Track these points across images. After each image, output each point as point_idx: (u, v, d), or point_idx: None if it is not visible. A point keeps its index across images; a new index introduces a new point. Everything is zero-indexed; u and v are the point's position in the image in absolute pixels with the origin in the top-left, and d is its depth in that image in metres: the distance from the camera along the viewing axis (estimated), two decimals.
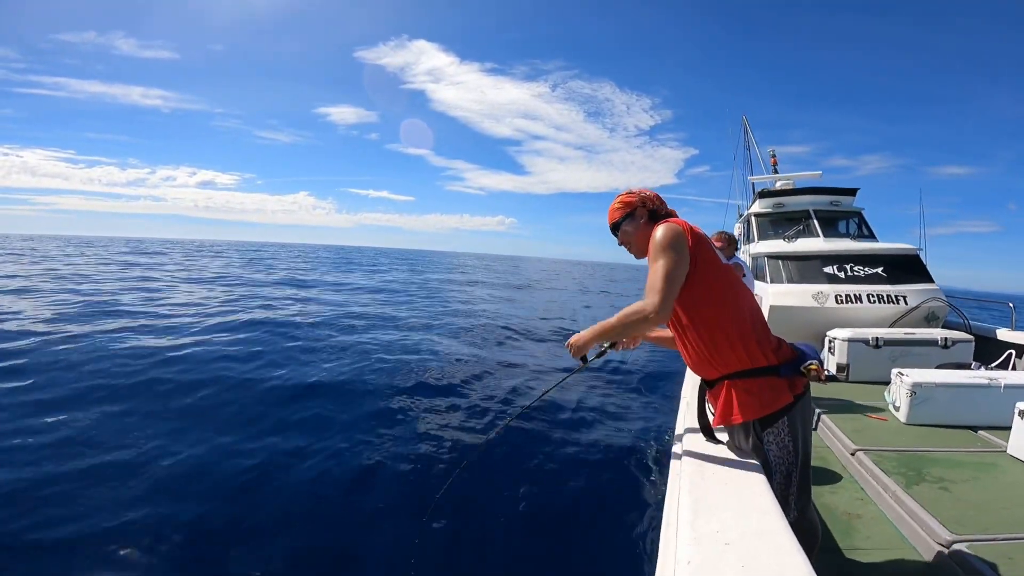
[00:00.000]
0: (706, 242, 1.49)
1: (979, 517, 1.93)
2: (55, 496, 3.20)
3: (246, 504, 3.31)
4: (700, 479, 1.27)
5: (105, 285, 14.25)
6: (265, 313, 10.34)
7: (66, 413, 4.45)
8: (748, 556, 0.88)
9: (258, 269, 25.32)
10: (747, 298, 1.53)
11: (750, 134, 9.42)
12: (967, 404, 3.07)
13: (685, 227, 1.46)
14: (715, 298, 1.45)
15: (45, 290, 12.34)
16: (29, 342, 6.71)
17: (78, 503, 3.14)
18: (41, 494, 3.20)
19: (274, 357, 6.76)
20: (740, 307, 1.47)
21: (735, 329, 1.43)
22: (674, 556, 0.92)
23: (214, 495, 3.36)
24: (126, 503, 3.17)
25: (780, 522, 1.01)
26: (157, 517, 3.06)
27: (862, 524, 2.10)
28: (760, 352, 1.43)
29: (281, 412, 4.84)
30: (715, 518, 1.03)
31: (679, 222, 1.49)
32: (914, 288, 5.00)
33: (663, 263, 1.38)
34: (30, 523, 2.92)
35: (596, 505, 3.54)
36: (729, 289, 1.47)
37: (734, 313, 1.45)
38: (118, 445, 3.94)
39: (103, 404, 4.74)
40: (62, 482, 3.36)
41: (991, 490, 2.19)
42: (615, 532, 3.22)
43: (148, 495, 3.30)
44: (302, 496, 3.42)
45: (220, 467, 3.70)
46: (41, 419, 4.31)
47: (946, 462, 2.50)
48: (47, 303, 10.23)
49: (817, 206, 6.32)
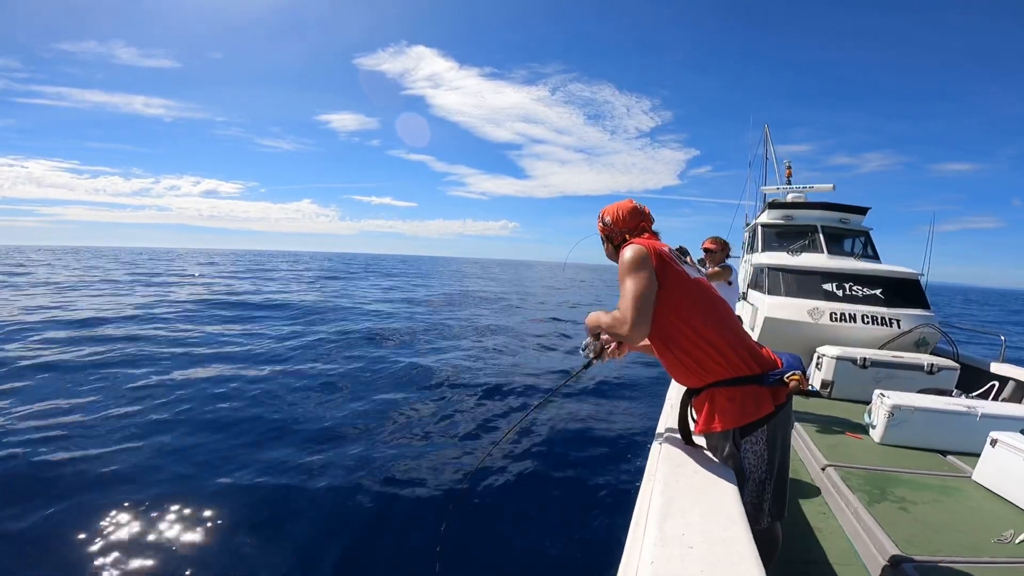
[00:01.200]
0: (670, 260, 1.54)
1: (932, 538, 1.99)
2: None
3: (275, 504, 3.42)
4: (674, 481, 1.30)
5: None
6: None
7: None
8: (708, 562, 0.92)
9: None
10: (722, 307, 1.57)
11: (770, 144, 9.31)
12: (941, 429, 3.14)
13: (649, 247, 1.51)
14: (686, 312, 1.49)
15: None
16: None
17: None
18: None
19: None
20: (715, 317, 1.51)
21: (712, 340, 1.47)
22: (638, 555, 0.96)
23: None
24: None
25: (744, 531, 1.05)
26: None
27: (821, 537, 2.17)
28: (740, 360, 1.46)
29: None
30: (683, 521, 1.06)
31: (642, 242, 1.55)
32: (909, 313, 5.04)
33: (629, 285, 1.45)
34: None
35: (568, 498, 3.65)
36: (700, 301, 1.52)
37: (708, 325, 1.49)
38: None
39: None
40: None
41: (949, 513, 2.25)
42: (586, 527, 3.32)
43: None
44: (328, 502, 3.50)
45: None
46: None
47: (910, 483, 2.57)
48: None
49: (826, 222, 6.30)
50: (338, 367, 7.12)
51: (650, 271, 1.47)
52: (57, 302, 12.99)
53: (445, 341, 9.80)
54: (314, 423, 4.92)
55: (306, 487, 3.64)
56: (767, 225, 6.74)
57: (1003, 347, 4.98)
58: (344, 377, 6.66)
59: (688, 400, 1.65)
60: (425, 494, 3.60)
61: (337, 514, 3.35)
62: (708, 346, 1.47)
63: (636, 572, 0.91)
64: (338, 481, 3.74)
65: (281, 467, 3.93)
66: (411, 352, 8.55)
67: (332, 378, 6.53)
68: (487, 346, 9.52)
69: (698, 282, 1.56)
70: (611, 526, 3.28)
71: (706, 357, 1.47)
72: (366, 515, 3.36)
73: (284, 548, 2.98)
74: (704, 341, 1.47)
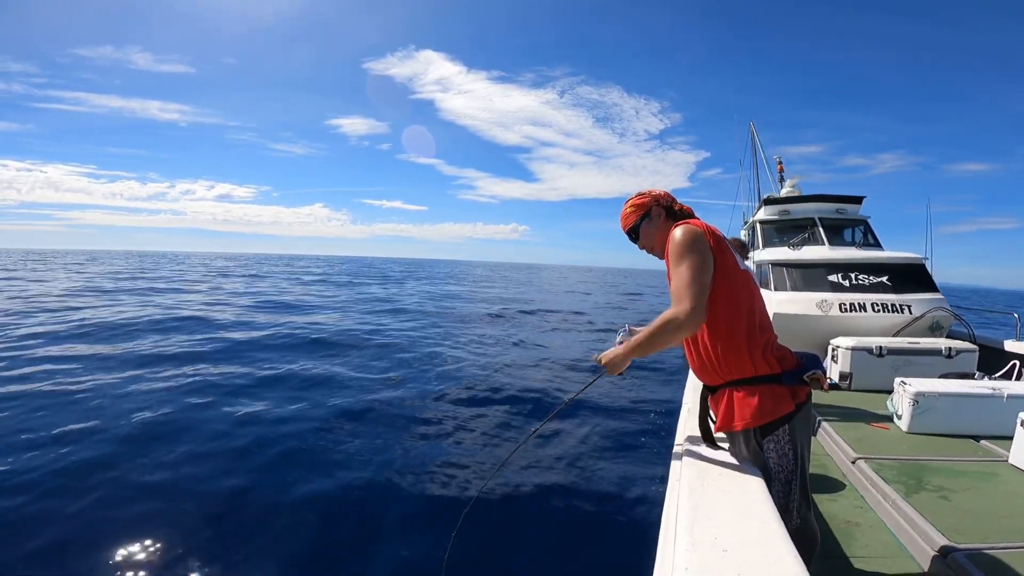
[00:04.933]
0: (726, 245, 1.46)
1: (977, 526, 1.93)
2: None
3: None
4: (699, 485, 1.27)
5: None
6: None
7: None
8: (745, 564, 0.89)
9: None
10: (760, 305, 1.52)
11: (757, 140, 9.44)
12: (969, 414, 3.06)
13: (704, 228, 1.43)
14: (733, 304, 1.42)
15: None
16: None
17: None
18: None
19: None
20: (754, 314, 1.46)
21: (747, 336, 1.42)
22: (671, 562, 0.93)
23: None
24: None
25: (778, 530, 1.02)
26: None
27: (860, 532, 2.10)
28: (764, 361, 1.43)
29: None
30: (713, 525, 1.04)
31: (697, 223, 1.46)
32: (919, 297, 4.98)
33: (687, 267, 1.35)
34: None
35: (595, 506, 3.56)
36: (747, 295, 1.46)
37: (748, 320, 1.44)
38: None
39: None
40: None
41: (991, 499, 2.19)
42: (612, 535, 3.23)
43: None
44: (338, 502, 3.50)
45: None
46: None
47: (947, 471, 2.50)
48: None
49: (823, 214, 6.31)
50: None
51: (709, 254, 1.37)
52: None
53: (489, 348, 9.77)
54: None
55: (315, 486, 3.65)
56: (765, 222, 6.76)
57: (1018, 325, 4.89)
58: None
59: (706, 399, 1.62)
60: (439, 498, 3.57)
61: (344, 515, 3.33)
62: (745, 341, 1.41)
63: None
64: (351, 480, 3.76)
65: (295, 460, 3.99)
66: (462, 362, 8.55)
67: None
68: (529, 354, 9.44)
69: (747, 274, 1.50)
70: (636, 534, 3.18)
71: (735, 355, 1.42)
72: (380, 517, 3.35)
73: (286, 546, 2.97)
74: (743, 335, 1.41)
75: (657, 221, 1.57)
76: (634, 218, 1.59)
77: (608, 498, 3.71)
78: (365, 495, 3.61)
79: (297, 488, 3.64)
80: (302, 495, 3.54)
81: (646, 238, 1.59)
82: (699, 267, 1.34)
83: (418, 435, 4.79)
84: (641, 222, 1.58)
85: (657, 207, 1.57)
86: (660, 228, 1.56)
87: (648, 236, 1.58)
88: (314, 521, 3.26)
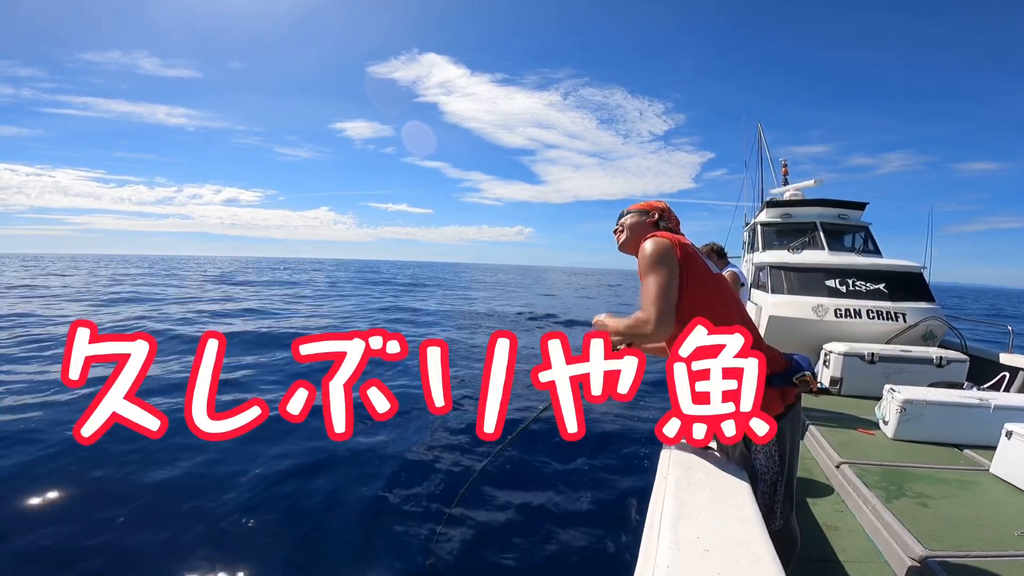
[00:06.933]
0: (695, 255, 1.51)
1: (954, 533, 1.97)
2: None
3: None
4: (686, 484, 1.29)
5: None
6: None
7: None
8: (725, 564, 0.91)
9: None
10: (739, 308, 1.54)
11: (764, 142, 9.38)
12: (955, 423, 3.10)
13: (673, 240, 1.48)
14: (706, 310, 1.44)
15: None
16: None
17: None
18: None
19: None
20: (732, 318, 1.48)
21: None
22: (653, 559, 0.94)
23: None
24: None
25: (760, 532, 1.03)
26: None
27: (840, 536, 2.14)
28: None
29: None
30: (697, 524, 1.05)
31: (667, 235, 1.51)
32: (914, 306, 5.01)
33: (653, 280, 1.41)
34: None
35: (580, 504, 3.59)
36: (720, 301, 1.49)
37: (726, 324, 1.47)
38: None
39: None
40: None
41: (970, 508, 2.22)
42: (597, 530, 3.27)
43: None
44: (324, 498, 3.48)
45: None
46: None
47: (928, 478, 2.54)
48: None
49: (824, 218, 6.30)
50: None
51: (675, 265, 1.43)
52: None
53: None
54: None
55: (303, 483, 3.64)
56: (766, 224, 6.75)
57: (1011, 337, 4.93)
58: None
59: None
60: (424, 495, 3.58)
61: (328, 512, 3.33)
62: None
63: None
64: (336, 477, 3.74)
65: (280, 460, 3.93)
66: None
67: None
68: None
69: (721, 279, 1.54)
70: (622, 532, 3.22)
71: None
72: (362, 514, 3.34)
73: (284, 544, 2.97)
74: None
75: (645, 222, 1.65)
76: (636, 207, 1.71)
77: (593, 495, 3.74)
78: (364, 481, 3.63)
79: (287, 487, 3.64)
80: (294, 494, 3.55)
81: (623, 225, 1.68)
82: (665, 281, 1.40)
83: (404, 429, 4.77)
84: (635, 212, 1.69)
85: (656, 216, 1.66)
86: (641, 227, 1.64)
87: (626, 226, 1.67)
88: (294, 520, 3.26)
